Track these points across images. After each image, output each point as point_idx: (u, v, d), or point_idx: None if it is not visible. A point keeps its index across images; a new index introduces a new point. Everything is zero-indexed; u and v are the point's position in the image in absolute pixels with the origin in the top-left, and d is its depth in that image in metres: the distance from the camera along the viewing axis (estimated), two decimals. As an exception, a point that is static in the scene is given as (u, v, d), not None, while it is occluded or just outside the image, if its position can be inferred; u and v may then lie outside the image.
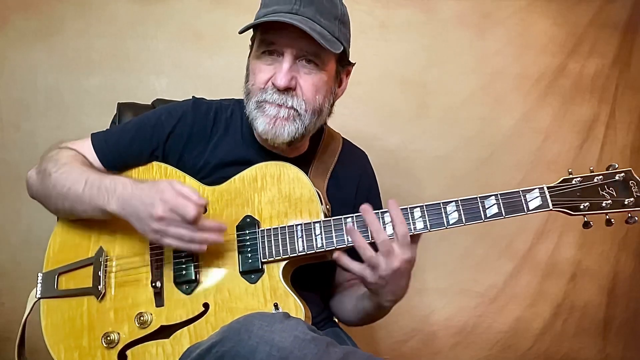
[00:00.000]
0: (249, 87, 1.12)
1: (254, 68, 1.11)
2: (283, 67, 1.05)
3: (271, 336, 0.80)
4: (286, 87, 1.06)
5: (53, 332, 1.09)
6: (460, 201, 1.00)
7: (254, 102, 1.10)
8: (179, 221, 0.94)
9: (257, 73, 1.10)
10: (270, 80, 1.08)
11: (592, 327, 2.30)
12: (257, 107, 1.10)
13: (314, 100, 1.10)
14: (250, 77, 1.13)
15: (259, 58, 1.10)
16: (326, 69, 1.11)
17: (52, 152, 1.16)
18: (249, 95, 1.12)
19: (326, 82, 1.12)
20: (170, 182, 0.98)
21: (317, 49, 1.06)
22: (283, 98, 1.07)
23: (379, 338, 2.16)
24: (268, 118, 1.08)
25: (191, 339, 1.01)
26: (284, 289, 1.01)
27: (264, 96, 1.08)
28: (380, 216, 1.01)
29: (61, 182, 1.07)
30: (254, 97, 1.11)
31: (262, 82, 1.09)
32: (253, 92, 1.11)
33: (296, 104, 1.08)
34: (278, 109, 1.08)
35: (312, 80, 1.09)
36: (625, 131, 2.31)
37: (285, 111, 1.08)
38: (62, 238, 1.16)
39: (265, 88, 1.09)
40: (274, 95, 1.07)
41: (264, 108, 1.09)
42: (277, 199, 1.08)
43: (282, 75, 1.05)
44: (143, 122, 1.20)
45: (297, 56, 1.06)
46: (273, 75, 1.07)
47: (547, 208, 0.98)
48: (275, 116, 1.08)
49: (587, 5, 2.29)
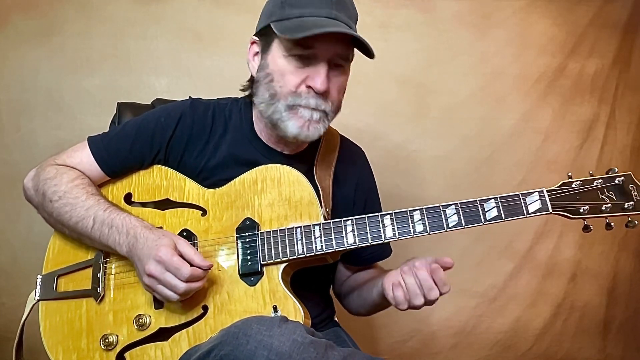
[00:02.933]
0: (276, 89, 1.08)
1: (281, 69, 1.07)
2: (321, 71, 1.04)
3: (269, 341, 0.79)
4: (324, 92, 1.06)
5: (52, 333, 1.08)
6: (460, 204, 0.99)
7: (285, 106, 1.07)
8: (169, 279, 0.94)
9: (287, 75, 1.06)
10: (303, 83, 1.06)
11: (592, 327, 2.31)
12: (289, 110, 1.08)
13: (339, 101, 1.12)
14: (277, 78, 1.08)
15: (288, 59, 1.06)
16: (347, 71, 1.12)
17: (49, 170, 1.12)
18: (275, 97, 1.08)
19: (346, 83, 1.14)
20: (174, 239, 0.99)
21: (348, 53, 1.08)
22: (319, 102, 1.07)
23: (379, 338, 2.17)
24: (302, 121, 1.07)
25: (190, 341, 1.00)
26: (283, 291, 1.01)
27: (298, 100, 1.06)
28: (380, 219, 1.02)
29: (65, 214, 1.07)
30: (283, 100, 1.07)
31: (294, 86, 1.06)
32: (282, 94, 1.07)
33: (327, 108, 1.09)
34: (311, 112, 1.07)
35: (339, 83, 1.10)
36: (625, 131, 2.32)
37: (318, 114, 1.08)
38: (61, 240, 1.16)
39: (298, 92, 1.06)
40: (310, 100, 1.06)
41: (296, 110, 1.07)
42: (277, 201, 1.08)
43: (322, 80, 1.04)
44: (143, 126, 1.18)
45: (330, 60, 1.06)
46: (306, 79, 1.06)
47: (546, 211, 0.98)
48: (309, 119, 1.07)
49: (587, 5, 2.29)
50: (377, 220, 1.02)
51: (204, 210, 1.11)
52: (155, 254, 0.95)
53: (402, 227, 1.01)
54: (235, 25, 2.01)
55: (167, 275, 0.94)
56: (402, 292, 1.00)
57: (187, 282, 0.94)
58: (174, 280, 0.94)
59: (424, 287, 0.97)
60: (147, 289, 1.00)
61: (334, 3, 1.05)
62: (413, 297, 0.98)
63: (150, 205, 1.14)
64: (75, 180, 1.10)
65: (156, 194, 1.15)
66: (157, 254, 0.95)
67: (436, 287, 0.97)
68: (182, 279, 0.94)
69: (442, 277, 0.97)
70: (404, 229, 1.01)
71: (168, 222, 1.11)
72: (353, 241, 1.02)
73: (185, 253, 0.97)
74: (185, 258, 0.96)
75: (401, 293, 1.00)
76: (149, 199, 1.15)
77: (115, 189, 1.17)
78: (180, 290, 0.95)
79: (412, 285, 0.98)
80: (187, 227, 1.09)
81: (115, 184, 1.18)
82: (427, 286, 0.97)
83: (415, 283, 0.98)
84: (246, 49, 1.18)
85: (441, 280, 0.97)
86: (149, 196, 1.15)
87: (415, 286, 0.98)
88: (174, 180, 1.15)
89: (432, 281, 0.97)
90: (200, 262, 0.96)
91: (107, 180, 1.17)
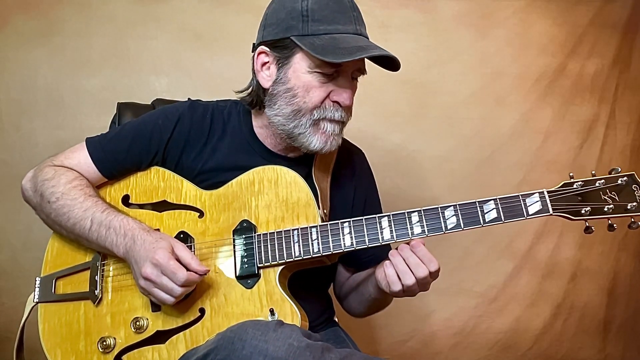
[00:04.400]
0: (300, 104, 1.07)
1: (305, 85, 1.06)
2: (348, 86, 1.08)
3: (265, 346, 0.79)
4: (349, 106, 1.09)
5: (50, 336, 1.09)
6: (458, 206, 0.98)
7: (310, 120, 1.08)
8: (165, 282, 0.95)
9: (312, 90, 1.06)
10: (328, 98, 1.07)
11: (592, 327, 2.30)
12: (313, 125, 1.08)
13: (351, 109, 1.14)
14: (300, 94, 1.07)
15: (314, 75, 1.06)
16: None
17: (48, 171, 1.12)
18: (299, 113, 1.08)
19: None
20: (172, 243, 0.99)
21: (365, 67, 1.10)
22: (344, 115, 1.09)
23: (379, 338, 2.17)
24: (326, 136, 1.09)
25: (187, 344, 1.00)
26: (280, 294, 1.00)
27: (324, 113, 1.08)
28: (377, 221, 1.01)
29: (63, 215, 1.07)
30: (308, 115, 1.08)
31: (319, 101, 1.07)
32: (307, 109, 1.07)
33: (348, 119, 1.12)
34: (334, 126, 1.09)
35: (354, 93, 1.12)
36: (625, 131, 2.32)
37: (339, 127, 1.11)
38: (60, 242, 1.16)
39: (322, 106, 1.07)
40: (336, 113, 1.08)
41: (319, 126, 1.09)
42: (274, 203, 1.07)
43: (349, 95, 1.07)
44: (141, 128, 1.17)
45: (352, 74, 1.09)
46: (330, 94, 1.07)
47: (547, 213, 0.96)
48: (332, 134, 1.09)
49: (587, 5, 2.29)
50: (375, 222, 1.01)
51: (201, 212, 1.10)
52: (152, 256, 0.95)
53: (400, 229, 1.00)
54: (235, 25, 2.01)
55: (163, 279, 0.94)
56: (392, 269, 0.99)
57: (182, 287, 0.95)
58: (170, 284, 0.94)
59: (411, 265, 0.97)
60: (143, 292, 1.00)
61: (356, 17, 1.07)
62: (403, 276, 0.98)
63: (147, 207, 1.14)
64: (73, 182, 1.10)
65: (153, 195, 1.14)
66: (153, 257, 0.95)
67: (422, 264, 0.97)
68: (178, 283, 0.94)
69: (424, 254, 0.97)
70: (401, 231, 1.00)
71: (165, 223, 1.11)
72: (350, 243, 1.01)
73: (182, 257, 0.97)
74: (182, 262, 0.96)
75: (392, 270, 0.99)
76: (146, 200, 1.15)
77: (113, 190, 1.17)
78: (176, 294, 0.95)
79: (400, 263, 0.98)
80: (184, 229, 1.09)
81: (113, 186, 1.18)
82: (414, 263, 0.97)
83: (402, 261, 0.98)
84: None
85: (425, 256, 0.97)
86: (146, 198, 1.15)
87: (402, 264, 0.98)
88: (172, 182, 1.15)
89: (417, 259, 0.97)
90: (197, 267, 0.96)
91: (105, 181, 1.17)
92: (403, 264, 0.98)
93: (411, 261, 0.97)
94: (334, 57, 0.99)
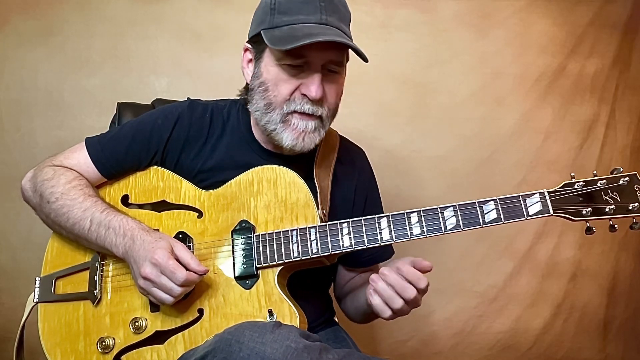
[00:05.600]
0: (271, 98, 1.07)
1: (274, 78, 1.06)
2: (315, 79, 1.04)
3: (262, 348, 0.79)
4: (320, 99, 1.05)
5: (50, 336, 1.09)
6: (458, 206, 0.97)
7: (280, 115, 1.07)
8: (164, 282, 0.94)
9: (281, 84, 1.06)
10: (297, 90, 1.05)
11: (592, 327, 2.30)
12: (283, 121, 1.07)
13: (335, 105, 1.12)
14: (271, 87, 1.07)
15: (281, 68, 1.05)
16: (343, 74, 1.12)
17: (47, 171, 1.12)
18: (270, 106, 1.07)
19: (342, 87, 1.13)
20: (171, 243, 0.99)
21: (342, 58, 1.07)
22: (314, 108, 1.06)
23: (379, 338, 2.16)
24: (296, 133, 1.07)
25: (186, 344, 1.00)
26: (278, 294, 1.00)
27: (292, 106, 1.06)
28: (376, 221, 1.00)
29: (62, 215, 1.07)
30: (278, 109, 1.07)
31: (287, 94, 1.05)
32: (277, 103, 1.07)
33: (323, 113, 1.08)
34: (306, 122, 1.07)
35: (335, 88, 1.09)
36: (625, 131, 2.31)
37: (313, 123, 1.07)
38: (59, 242, 1.16)
39: (292, 99, 1.06)
40: (305, 105, 1.05)
41: (290, 121, 1.07)
42: (273, 203, 1.07)
43: (316, 87, 1.03)
44: (140, 127, 1.17)
45: (324, 66, 1.05)
46: (299, 86, 1.05)
47: (547, 213, 0.94)
48: (303, 130, 1.07)
49: (587, 5, 2.29)
50: (374, 222, 1.00)
51: (200, 212, 1.10)
52: (152, 256, 0.95)
53: (399, 229, 0.99)
54: (235, 25, 2.00)
55: (163, 279, 0.94)
56: (378, 299, 0.96)
57: (182, 287, 0.94)
58: (169, 284, 0.94)
59: (397, 289, 0.94)
60: (142, 292, 1.00)
61: (324, 7, 1.03)
62: (389, 301, 0.95)
63: (147, 207, 1.14)
64: (72, 182, 1.10)
65: (153, 195, 1.15)
66: (153, 257, 0.95)
67: (410, 285, 0.93)
68: (177, 283, 0.94)
69: (413, 273, 0.93)
70: (401, 232, 0.99)
71: (164, 224, 1.11)
72: (349, 244, 1.00)
73: (182, 257, 0.97)
74: (182, 262, 0.96)
75: (378, 299, 0.96)
76: (145, 200, 1.15)
77: (112, 190, 1.17)
78: (175, 293, 0.95)
79: (384, 289, 0.95)
80: (183, 229, 1.09)
81: (113, 186, 1.18)
82: (400, 287, 0.93)
83: (386, 287, 0.95)
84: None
85: (412, 276, 0.93)
86: (145, 198, 1.15)
87: (387, 290, 0.94)
88: (171, 182, 1.15)
89: (403, 281, 0.93)
90: (196, 267, 0.96)
91: (104, 181, 1.17)
92: (388, 291, 0.94)
93: (397, 285, 0.94)
94: (281, 45, 0.99)
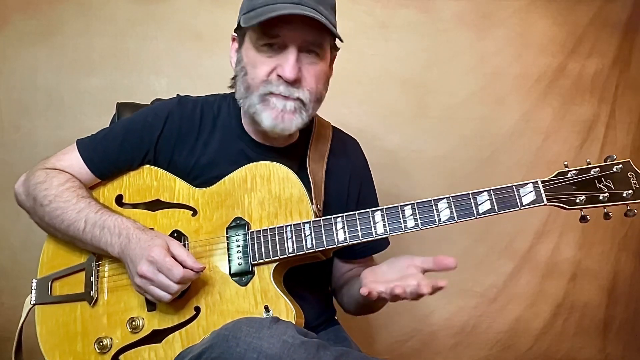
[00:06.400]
0: (249, 82, 1.07)
1: (252, 61, 1.06)
2: (290, 59, 1.02)
3: (259, 343, 0.79)
4: (294, 79, 1.03)
5: (48, 337, 1.09)
6: (452, 197, 0.97)
7: (258, 96, 1.06)
8: (161, 279, 0.95)
9: (258, 66, 1.05)
10: (274, 72, 1.04)
11: (592, 327, 2.30)
12: (262, 101, 1.06)
13: (317, 89, 1.09)
14: (249, 70, 1.07)
15: (258, 50, 1.05)
16: (325, 58, 1.10)
17: (39, 174, 1.12)
18: (249, 89, 1.07)
19: (325, 71, 1.11)
20: (167, 241, 0.99)
21: (321, 40, 1.05)
22: (290, 90, 1.04)
23: (379, 338, 2.16)
24: (275, 112, 1.05)
25: (183, 343, 1.00)
26: (274, 290, 1.00)
27: (269, 88, 1.04)
28: (370, 215, 1.00)
29: (56, 218, 1.07)
30: (256, 91, 1.06)
31: (264, 75, 1.04)
32: (254, 85, 1.06)
33: (302, 95, 1.06)
34: (284, 102, 1.05)
35: (315, 71, 1.07)
36: (625, 131, 2.31)
37: (292, 104, 1.05)
38: (55, 244, 1.16)
39: (268, 80, 1.05)
40: (280, 87, 1.04)
41: (268, 102, 1.05)
42: (267, 199, 1.07)
43: (291, 67, 1.02)
44: (130, 127, 1.17)
45: (301, 47, 1.04)
46: (276, 67, 1.04)
47: (541, 203, 0.94)
48: (282, 110, 1.05)
49: (587, 5, 2.29)
50: (368, 216, 1.00)
51: (194, 210, 1.10)
52: (148, 254, 0.95)
53: (394, 222, 0.99)
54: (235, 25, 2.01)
55: (160, 276, 0.94)
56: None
57: (179, 284, 0.94)
58: (166, 281, 0.94)
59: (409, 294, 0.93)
60: (139, 290, 1.00)
61: None
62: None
63: (141, 207, 1.14)
64: (65, 184, 1.10)
65: (147, 194, 1.14)
66: (149, 254, 0.95)
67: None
68: (174, 280, 0.94)
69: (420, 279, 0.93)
70: (395, 225, 0.98)
71: (159, 223, 1.11)
72: (344, 238, 1.00)
73: (178, 254, 0.97)
74: (178, 259, 0.96)
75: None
76: (139, 200, 1.15)
77: (106, 190, 1.17)
78: (172, 291, 0.95)
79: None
80: (178, 227, 1.09)
81: (106, 186, 1.17)
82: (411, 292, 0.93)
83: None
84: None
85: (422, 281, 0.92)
86: (139, 197, 1.15)
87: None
88: (164, 181, 1.14)
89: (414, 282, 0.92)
90: (193, 264, 0.96)
91: (97, 182, 1.17)
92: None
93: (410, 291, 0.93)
94: (249, 22, 1.00)
